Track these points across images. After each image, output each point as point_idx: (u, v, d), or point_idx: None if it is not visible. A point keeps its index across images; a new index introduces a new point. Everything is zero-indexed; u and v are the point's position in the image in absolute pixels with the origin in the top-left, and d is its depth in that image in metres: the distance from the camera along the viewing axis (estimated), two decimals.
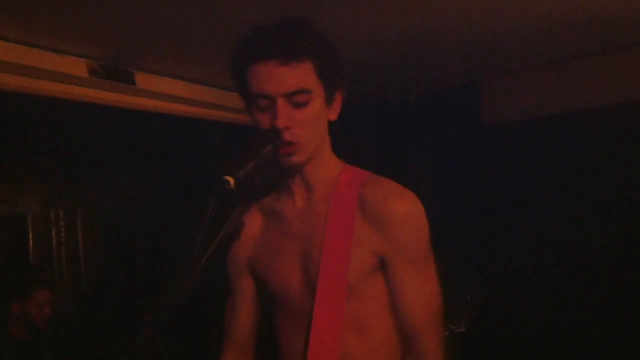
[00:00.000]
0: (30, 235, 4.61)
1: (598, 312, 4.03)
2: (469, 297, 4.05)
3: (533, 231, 4.45)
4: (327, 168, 1.63)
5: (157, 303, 1.24)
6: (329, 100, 1.56)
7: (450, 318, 3.75)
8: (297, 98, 1.49)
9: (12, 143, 4.11)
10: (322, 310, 1.54)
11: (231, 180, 1.33)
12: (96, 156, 4.42)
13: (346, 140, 1.71)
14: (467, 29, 3.61)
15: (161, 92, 3.88)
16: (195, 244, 1.32)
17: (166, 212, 4.67)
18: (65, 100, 3.54)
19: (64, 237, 4.72)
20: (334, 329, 1.54)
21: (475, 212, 4.56)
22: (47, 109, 3.69)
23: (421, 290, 1.59)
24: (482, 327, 3.96)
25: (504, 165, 4.57)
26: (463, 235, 4.24)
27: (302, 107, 1.50)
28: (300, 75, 1.48)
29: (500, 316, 4.19)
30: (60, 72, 3.42)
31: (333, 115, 1.60)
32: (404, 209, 1.56)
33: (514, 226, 4.49)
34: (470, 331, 3.75)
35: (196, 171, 4.17)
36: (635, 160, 4.13)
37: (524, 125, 4.58)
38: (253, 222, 1.74)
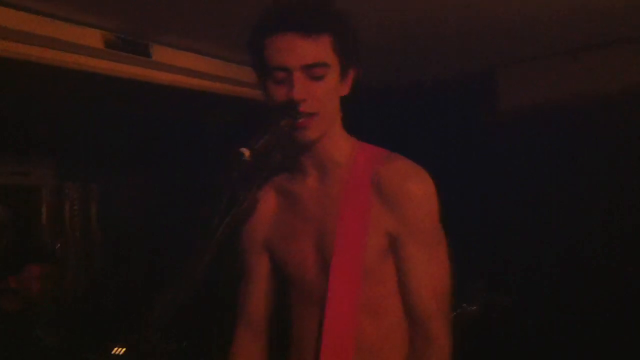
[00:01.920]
0: (44, 208, 4.61)
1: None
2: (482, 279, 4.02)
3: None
4: (340, 146, 1.63)
5: (173, 281, 1.22)
6: (343, 75, 1.57)
7: (463, 296, 3.74)
8: (314, 71, 1.49)
9: (27, 115, 4.10)
10: (336, 293, 1.54)
11: (247, 152, 1.30)
12: (111, 130, 4.40)
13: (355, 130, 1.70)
14: (483, 15, 3.56)
15: (177, 65, 3.85)
16: (211, 219, 1.30)
17: (181, 191, 4.65)
18: (80, 71, 3.52)
19: (77, 210, 4.72)
20: (349, 313, 1.54)
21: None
22: (63, 80, 3.67)
23: (432, 271, 1.58)
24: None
25: (513, 160, 4.51)
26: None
27: (319, 81, 1.50)
28: (319, 48, 1.49)
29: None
30: (75, 43, 3.39)
31: (345, 91, 1.60)
32: (418, 189, 1.55)
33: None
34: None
35: (210, 145, 4.14)
36: None
37: (536, 120, 4.52)
38: (267, 201, 1.74)
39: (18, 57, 3.28)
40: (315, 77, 1.49)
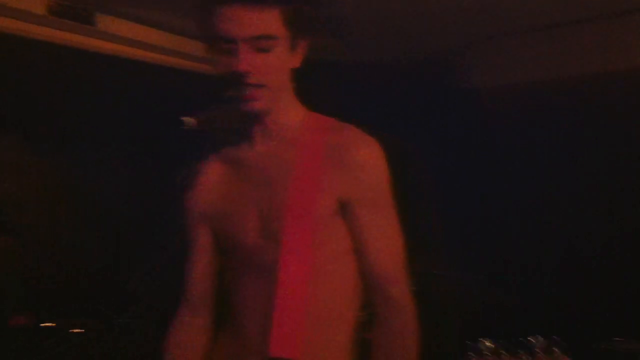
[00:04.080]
0: None
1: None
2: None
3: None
4: (289, 114, 1.62)
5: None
6: (293, 47, 1.55)
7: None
8: (260, 43, 1.47)
9: None
10: (287, 259, 1.53)
11: (190, 121, 1.31)
12: (53, 99, 4.31)
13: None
14: None
15: (122, 35, 3.80)
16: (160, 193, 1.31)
17: (120, 161, 4.59)
18: (22, 38, 3.44)
19: None
20: (300, 279, 1.53)
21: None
22: (3, 47, 3.57)
23: (387, 235, 1.60)
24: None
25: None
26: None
27: (265, 53, 1.49)
28: (265, 19, 1.46)
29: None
30: (17, 9, 3.31)
31: (296, 63, 1.59)
32: (369, 155, 1.57)
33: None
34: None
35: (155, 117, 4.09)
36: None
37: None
38: (211, 171, 1.71)
39: None
40: (262, 49, 1.48)
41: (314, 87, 1.65)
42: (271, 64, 1.50)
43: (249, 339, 1.59)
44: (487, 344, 1.41)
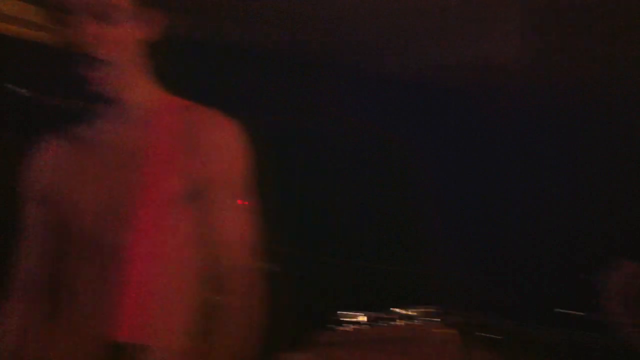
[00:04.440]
0: None
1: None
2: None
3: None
4: (139, 92, 1.57)
5: None
6: (139, 19, 1.51)
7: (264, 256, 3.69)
8: (101, 12, 1.44)
9: None
10: (136, 241, 1.47)
11: (20, 91, 1.24)
12: None
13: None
14: None
15: None
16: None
17: None
18: None
19: None
20: (149, 261, 1.48)
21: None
22: None
23: (239, 221, 1.58)
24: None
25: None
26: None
27: (107, 23, 1.45)
28: None
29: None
30: None
31: (147, 35, 1.54)
32: (226, 137, 1.55)
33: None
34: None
35: None
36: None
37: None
38: (51, 149, 1.64)
39: None
40: (103, 19, 1.44)
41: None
42: (114, 36, 1.46)
43: (89, 326, 1.51)
44: (350, 314, 1.43)
